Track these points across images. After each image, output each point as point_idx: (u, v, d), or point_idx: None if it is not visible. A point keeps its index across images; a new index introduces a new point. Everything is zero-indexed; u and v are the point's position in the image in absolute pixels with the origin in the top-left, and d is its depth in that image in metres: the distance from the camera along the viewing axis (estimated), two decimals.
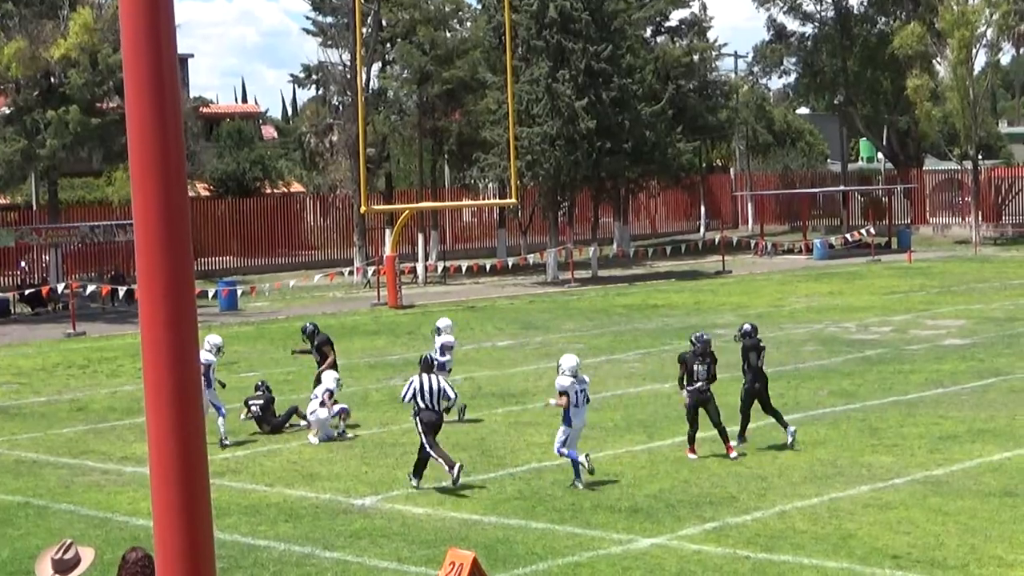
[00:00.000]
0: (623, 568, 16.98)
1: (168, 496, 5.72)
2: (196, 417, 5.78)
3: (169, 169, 5.53)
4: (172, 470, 5.70)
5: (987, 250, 70.47)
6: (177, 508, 5.71)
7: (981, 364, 32.52)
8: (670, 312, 46.69)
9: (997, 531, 18.12)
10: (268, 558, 18.02)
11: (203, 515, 5.81)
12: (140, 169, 5.52)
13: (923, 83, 73.46)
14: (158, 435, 5.70)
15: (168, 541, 5.76)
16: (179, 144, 5.56)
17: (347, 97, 65.90)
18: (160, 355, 5.63)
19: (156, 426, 5.69)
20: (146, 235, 5.57)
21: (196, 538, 5.74)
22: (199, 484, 5.78)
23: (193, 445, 5.75)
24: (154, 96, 5.49)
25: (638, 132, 63.03)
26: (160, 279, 5.56)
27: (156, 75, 5.49)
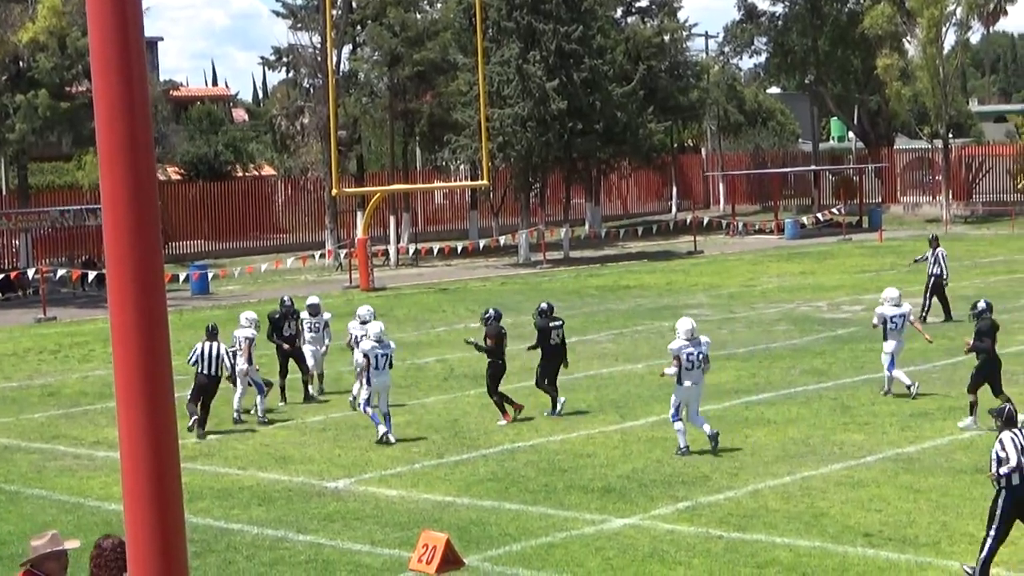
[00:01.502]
0: (596, 548, 17.02)
1: (139, 480, 5.71)
2: (166, 401, 5.76)
3: (138, 153, 5.50)
4: (142, 454, 5.69)
5: (957, 228, 70.68)
6: (148, 492, 5.70)
7: (952, 342, 32.61)
8: (642, 293, 46.75)
9: (968, 508, 18.20)
10: (241, 542, 18.01)
11: (174, 499, 5.80)
12: (108, 153, 5.50)
13: (893, 62, 73.60)
14: (128, 419, 5.69)
15: (139, 525, 5.75)
16: (147, 128, 5.54)
17: (318, 79, 65.71)
18: (130, 339, 5.62)
19: (126, 410, 5.68)
20: (114, 219, 5.55)
21: (167, 522, 5.73)
22: (170, 468, 5.76)
23: (164, 429, 5.74)
24: (121, 80, 5.46)
25: (609, 113, 63.03)
26: (129, 263, 5.54)
27: (123, 58, 5.46)
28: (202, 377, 25.35)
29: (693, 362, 21.88)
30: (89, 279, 53.17)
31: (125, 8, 5.48)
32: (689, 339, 21.90)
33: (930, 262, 36.54)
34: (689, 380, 21.92)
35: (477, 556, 16.85)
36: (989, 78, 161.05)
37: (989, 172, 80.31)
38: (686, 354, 21.85)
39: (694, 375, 21.95)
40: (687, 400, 22.12)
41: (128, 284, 5.56)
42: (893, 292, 26.62)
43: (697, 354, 21.89)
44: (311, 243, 69.44)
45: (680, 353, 21.88)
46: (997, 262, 52.62)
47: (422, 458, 22.62)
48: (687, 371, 21.86)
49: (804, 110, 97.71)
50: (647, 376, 28.73)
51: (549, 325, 26.00)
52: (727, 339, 35.02)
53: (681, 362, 21.87)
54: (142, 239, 5.56)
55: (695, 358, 21.88)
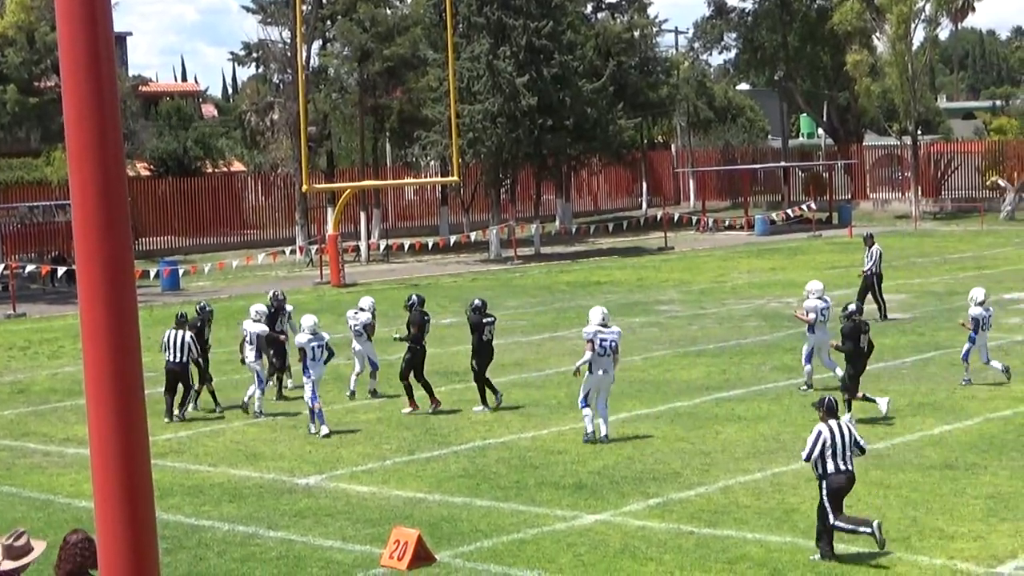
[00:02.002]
0: (568, 544, 17.01)
1: (109, 477, 5.69)
2: (137, 398, 5.74)
3: (107, 149, 5.48)
4: (113, 451, 5.66)
5: (927, 225, 70.91)
6: (119, 489, 5.68)
7: (921, 338, 32.74)
8: (613, 289, 46.78)
9: (938, 504, 18.25)
10: (212, 538, 17.96)
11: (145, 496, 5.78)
12: (77, 149, 5.47)
13: (862, 58, 73.77)
14: (98, 416, 5.66)
15: (110, 522, 5.72)
16: (116, 123, 5.51)
17: (288, 75, 65.61)
18: (100, 335, 5.59)
19: (96, 407, 5.65)
20: (84, 215, 5.53)
21: (138, 519, 5.71)
22: (140, 465, 5.74)
23: (134, 426, 5.72)
24: (91, 75, 5.44)
25: (579, 109, 63.06)
26: (99, 259, 5.51)
27: (92, 54, 5.43)
28: (168, 364, 26.06)
29: (606, 348, 22.47)
30: (58, 275, 52.97)
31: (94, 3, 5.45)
32: (602, 326, 22.53)
33: (867, 261, 36.30)
34: (601, 368, 22.51)
35: (448, 552, 16.83)
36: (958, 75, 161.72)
37: (958, 169, 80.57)
38: (599, 339, 22.41)
39: (605, 362, 22.53)
40: (598, 388, 22.74)
41: (98, 280, 5.54)
42: (817, 285, 27.06)
43: (610, 341, 22.50)
44: (282, 239, 69.35)
45: (594, 337, 22.43)
46: (966, 258, 52.81)
47: (393, 454, 22.59)
48: (599, 357, 22.44)
49: (774, 107, 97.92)
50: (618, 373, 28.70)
51: (483, 321, 26.14)
52: (697, 335, 35.07)
53: (595, 346, 22.39)
54: (112, 235, 5.54)
55: (608, 344, 22.47)
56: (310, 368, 24.31)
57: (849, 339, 23.80)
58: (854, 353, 23.80)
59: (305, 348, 24.35)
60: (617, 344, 22.77)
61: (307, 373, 24.36)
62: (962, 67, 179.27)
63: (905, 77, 72.03)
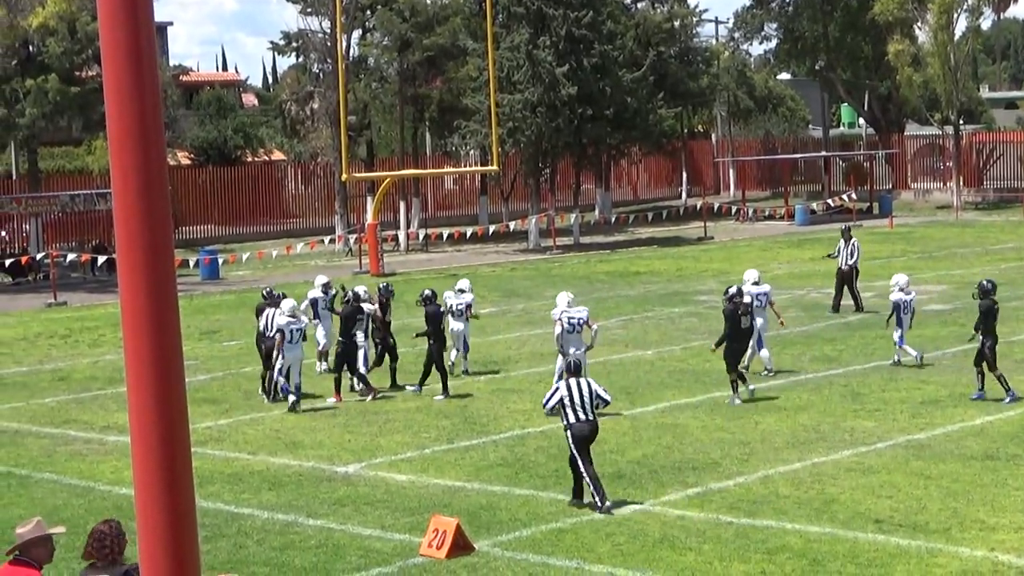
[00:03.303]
0: (606, 534, 17.01)
1: (150, 465, 5.70)
2: (177, 385, 5.75)
3: (148, 138, 5.49)
4: (153, 439, 5.68)
5: (968, 215, 70.54)
6: (159, 477, 5.70)
7: (962, 329, 32.53)
8: (652, 279, 46.72)
9: (979, 494, 18.18)
10: (251, 526, 18.02)
11: (185, 483, 5.79)
12: (118, 138, 5.48)
13: (904, 48, 73.37)
14: (139, 404, 5.68)
15: (150, 510, 5.74)
16: (157, 112, 5.53)
17: (327, 65, 65.65)
18: (140, 324, 5.61)
19: (137, 395, 5.67)
20: (125, 204, 5.54)
21: (178, 507, 5.73)
22: (181, 452, 5.76)
23: (174, 413, 5.73)
24: (131, 64, 5.45)
25: (619, 98, 62.91)
26: (139, 248, 5.52)
27: (133, 43, 5.44)
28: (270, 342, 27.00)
29: (574, 325, 24.40)
30: (99, 264, 53.18)
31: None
32: (569, 306, 24.52)
33: (844, 254, 36.01)
34: (571, 346, 24.12)
35: (487, 541, 16.85)
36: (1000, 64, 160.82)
37: (1000, 159, 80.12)
38: (567, 318, 24.36)
39: (574, 340, 24.35)
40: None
41: (139, 269, 5.55)
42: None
43: (577, 320, 24.43)
44: (321, 228, 69.40)
45: (561, 316, 24.42)
46: (1008, 249, 52.51)
47: (432, 443, 22.63)
48: (568, 335, 24.30)
49: (814, 96, 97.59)
50: (657, 362, 28.74)
51: (439, 311, 26.90)
52: None
53: (563, 325, 24.26)
54: (153, 224, 5.55)
55: (576, 322, 24.41)
56: (285, 350, 25.70)
57: (729, 320, 24.92)
58: (734, 334, 24.88)
59: (284, 330, 25.83)
60: (585, 321, 24.62)
61: (282, 354, 25.74)
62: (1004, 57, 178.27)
63: (947, 67, 71.64)
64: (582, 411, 18.10)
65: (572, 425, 18.13)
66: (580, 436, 18.11)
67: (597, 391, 18.37)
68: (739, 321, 24.99)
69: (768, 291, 28.07)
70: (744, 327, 25.11)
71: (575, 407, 18.09)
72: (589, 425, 18.17)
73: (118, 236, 5.57)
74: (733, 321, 24.93)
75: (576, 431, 18.11)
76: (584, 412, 18.10)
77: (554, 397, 18.34)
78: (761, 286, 27.76)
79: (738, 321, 24.97)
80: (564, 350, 24.22)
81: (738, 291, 25.59)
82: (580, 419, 18.09)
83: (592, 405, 18.19)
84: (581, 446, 18.11)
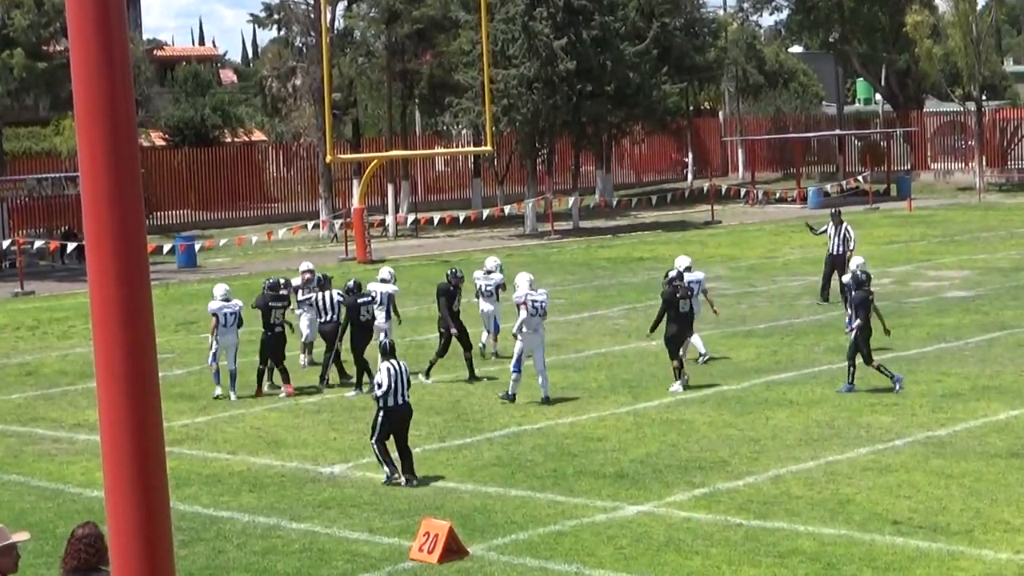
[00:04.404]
0: (608, 537, 17.02)
1: (121, 465, 5.69)
2: (150, 380, 5.74)
3: (117, 116, 5.47)
4: (125, 437, 5.67)
5: (992, 197, 70.53)
6: (131, 478, 5.69)
7: (986, 317, 32.61)
8: (656, 265, 46.67)
9: (1003, 494, 18.19)
10: (231, 530, 18.02)
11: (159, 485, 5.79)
12: (86, 117, 5.47)
13: (923, 19, 73.33)
14: (110, 401, 5.67)
15: (122, 513, 5.73)
16: (127, 89, 5.51)
17: (311, 38, 65.55)
18: (111, 315, 5.59)
19: (107, 390, 5.66)
20: (94, 188, 5.53)
21: (151, 510, 5.72)
22: (154, 452, 5.75)
23: (147, 411, 5.72)
24: (99, 36, 5.42)
25: (621, 73, 62.84)
26: (109, 234, 5.51)
27: (101, 14, 5.42)
28: (320, 326, 28.39)
29: (537, 308, 24.98)
30: (68, 251, 53.15)
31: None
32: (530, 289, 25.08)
33: (835, 240, 35.76)
34: (530, 328, 24.90)
35: (482, 545, 16.86)
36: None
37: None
38: (531, 301, 24.92)
39: (535, 322, 24.96)
40: (531, 349, 25.09)
41: (109, 257, 5.54)
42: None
43: (540, 303, 25.04)
44: (304, 213, 69.38)
45: (525, 299, 24.92)
46: None
47: (423, 442, 22.61)
48: (530, 317, 24.87)
49: (828, 71, 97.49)
50: (661, 354, 28.67)
51: (357, 302, 27.37)
52: (747, 314, 35.02)
53: (527, 307, 24.83)
54: (123, 209, 5.54)
55: (538, 305, 25.00)
56: (219, 334, 26.74)
57: (668, 304, 25.90)
58: (673, 318, 25.78)
59: (217, 314, 26.83)
60: (546, 305, 25.36)
61: (215, 339, 26.79)
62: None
63: (969, 39, 71.56)
64: (400, 395, 19.84)
65: (390, 408, 19.79)
66: (399, 419, 19.92)
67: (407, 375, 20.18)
68: (678, 305, 25.85)
69: (702, 278, 29.15)
70: (683, 311, 25.97)
71: (395, 390, 19.78)
72: (407, 408, 20.00)
73: (86, 221, 5.55)
74: (671, 305, 25.87)
75: (394, 414, 19.81)
76: (402, 395, 19.85)
77: (389, 379, 19.76)
78: (694, 273, 28.60)
79: (676, 305, 25.84)
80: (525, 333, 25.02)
81: (678, 275, 26.73)
82: (399, 402, 19.84)
83: (407, 387, 20.03)
84: (393, 426, 19.85)
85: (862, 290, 25.39)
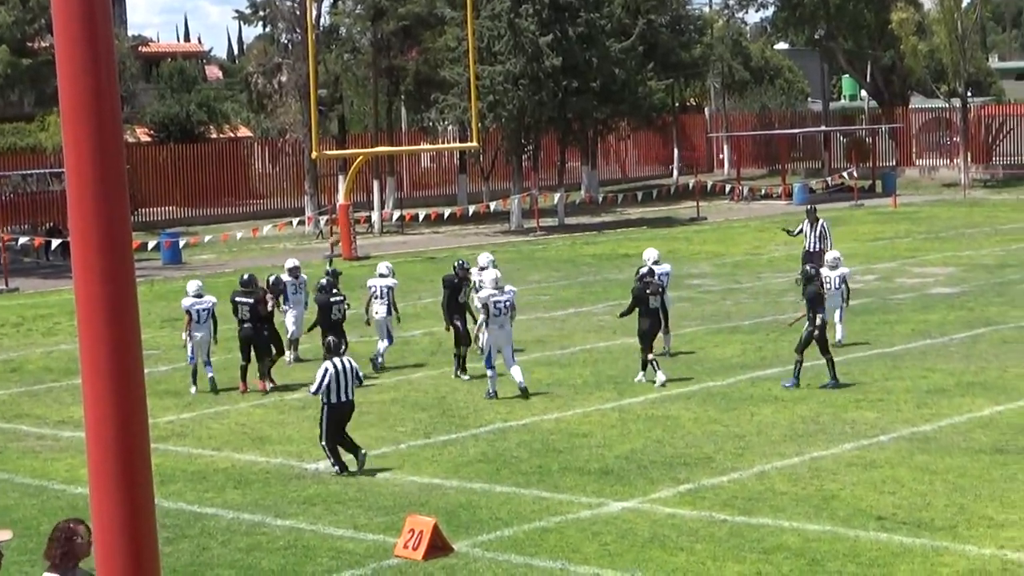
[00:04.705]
0: (593, 533, 17.03)
1: (106, 462, 5.70)
2: (136, 378, 5.75)
3: (102, 112, 5.48)
4: (110, 434, 5.68)
5: (977, 193, 70.66)
6: (116, 475, 5.69)
7: (971, 313, 32.66)
8: (641, 262, 46.65)
9: (987, 490, 18.22)
10: (216, 527, 18.01)
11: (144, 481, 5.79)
12: (71, 112, 5.48)
13: (908, 16, 73.41)
14: (95, 398, 5.68)
15: (106, 510, 5.74)
16: (113, 86, 5.52)
17: (297, 35, 65.49)
18: (97, 312, 5.60)
19: (93, 387, 5.67)
20: (79, 184, 5.53)
21: (136, 506, 5.73)
22: (139, 448, 5.76)
23: (132, 408, 5.73)
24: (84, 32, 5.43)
25: (607, 70, 62.84)
26: (94, 230, 5.52)
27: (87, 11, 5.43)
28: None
29: (501, 309, 25.11)
30: (53, 247, 53.06)
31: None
32: (496, 288, 25.29)
33: (811, 237, 35.56)
34: (496, 325, 25.14)
35: (467, 541, 16.86)
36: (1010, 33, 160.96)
37: (1010, 133, 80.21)
38: (493, 302, 25.03)
39: (501, 320, 25.17)
40: (499, 344, 25.25)
41: (94, 253, 5.54)
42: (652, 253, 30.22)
43: (505, 302, 25.18)
44: (290, 209, 69.29)
45: (488, 301, 25.10)
46: (1018, 229, 52.62)
47: (408, 438, 22.63)
48: (495, 317, 25.10)
49: (814, 67, 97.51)
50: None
51: (330, 300, 27.61)
52: (732, 311, 35.05)
53: (489, 310, 25.02)
54: (108, 205, 5.54)
55: (502, 306, 25.13)
56: (193, 330, 27.03)
57: (637, 300, 26.52)
58: (646, 313, 26.27)
59: (190, 311, 27.17)
60: (512, 303, 25.39)
61: (190, 335, 27.12)
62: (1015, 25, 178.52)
63: (954, 35, 71.65)
64: (344, 392, 20.40)
65: (334, 405, 20.33)
66: (340, 415, 20.44)
67: (357, 370, 20.76)
68: (647, 300, 26.32)
69: (669, 271, 29.65)
70: (652, 307, 26.40)
71: (339, 387, 20.34)
72: (349, 405, 20.54)
73: (71, 217, 5.56)
74: (641, 301, 26.42)
75: (337, 410, 20.37)
76: (346, 392, 20.41)
77: (325, 379, 20.29)
78: (662, 266, 29.34)
79: (647, 300, 26.32)
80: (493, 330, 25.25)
81: (649, 271, 27.53)
82: (343, 399, 20.37)
83: (352, 384, 20.58)
84: (337, 425, 20.43)
85: (813, 285, 25.56)
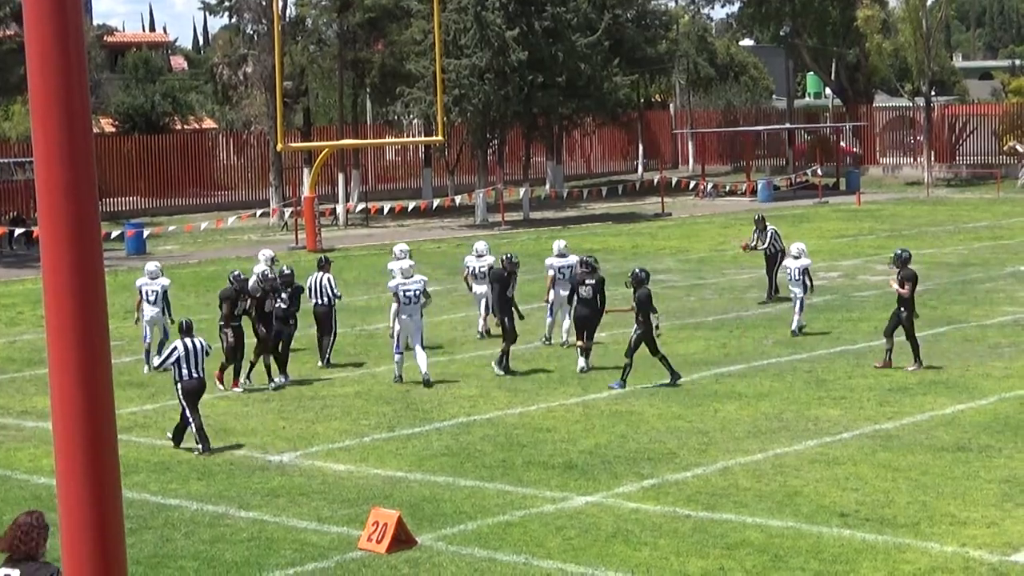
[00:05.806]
0: (557, 528, 17.04)
1: (73, 452, 5.68)
2: (103, 367, 5.72)
3: (72, 103, 5.45)
4: (77, 425, 5.65)
5: (940, 192, 70.92)
6: (83, 464, 5.67)
7: (933, 312, 32.75)
8: (607, 257, 46.72)
9: (949, 487, 18.29)
10: (179, 518, 17.97)
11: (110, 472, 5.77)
12: (41, 103, 5.45)
13: (874, 14, 73.67)
14: (62, 387, 5.65)
15: (73, 500, 5.72)
16: (82, 76, 5.49)
17: (262, 26, 65.28)
18: (64, 301, 5.58)
19: (60, 378, 5.64)
20: (48, 174, 5.50)
21: (103, 497, 5.71)
22: (106, 439, 5.74)
23: (100, 398, 5.71)
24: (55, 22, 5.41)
25: (572, 65, 62.84)
26: (63, 220, 5.49)
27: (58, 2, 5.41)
28: (314, 307, 28.77)
29: (410, 298, 26.08)
30: (16, 236, 52.84)
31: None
32: (405, 278, 26.28)
33: (766, 243, 35.45)
34: (405, 314, 26.05)
35: (430, 535, 16.85)
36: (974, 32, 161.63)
37: (973, 132, 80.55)
38: (403, 291, 26.04)
39: (410, 308, 26.08)
40: (408, 332, 26.10)
41: (63, 242, 5.52)
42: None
43: (414, 291, 26.11)
44: (254, 201, 69.13)
45: (397, 290, 26.11)
46: (981, 227, 52.86)
47: (372, 431, 22.61)
48: (404, 306, 26.03)
49: (779, 64, 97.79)
50: (611, 346, 28.77)
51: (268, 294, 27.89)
52: (696, 307, 35.10)
53: (400, 298, 25.98)
54: (77, 194, 5.52)
55: (411, 294, 26.06)
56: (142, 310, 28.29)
57: (572, 290, 27.53)
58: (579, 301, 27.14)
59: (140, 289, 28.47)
60: (421, 292, 26.19)
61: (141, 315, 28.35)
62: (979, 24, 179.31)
63: (919, 34, 71.94)
64: (194, 368, 21.49)
65: (184, 380, 21.47)
66: (191, 390, 21.46)
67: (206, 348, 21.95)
68: (578, 290, 27.15)
69: (573, 263, 29.68)
70: (583, 296, 27.10)
71: (189, 364, 21.48)
72: (198, 381, 21.59)
73: (40, 208, 5.53)
74: (573, 290, 27.50)
75: (187, 386, 21.45)
76: (196, 369, 21.51)
77: (171, 357, 21.67)
78: (567, 258, 30.06)
79: (577, 290, 27.20)
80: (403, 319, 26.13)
81: (581, 261, 28.11)
82: (192, 375, 21.48)
83: (201, 363, 21.65)
84: (191, 399, 21.47)
85: (644, 288, 25.63)
